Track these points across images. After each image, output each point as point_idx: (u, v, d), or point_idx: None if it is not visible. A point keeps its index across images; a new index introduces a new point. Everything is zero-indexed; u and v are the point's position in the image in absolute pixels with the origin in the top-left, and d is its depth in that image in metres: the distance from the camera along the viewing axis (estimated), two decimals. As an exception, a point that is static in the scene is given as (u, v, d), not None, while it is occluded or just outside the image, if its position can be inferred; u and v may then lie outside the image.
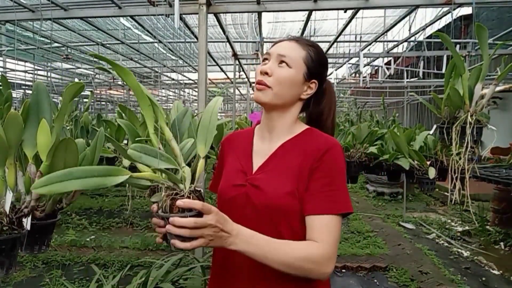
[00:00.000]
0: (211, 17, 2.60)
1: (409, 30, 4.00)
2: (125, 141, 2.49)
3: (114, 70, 0.74)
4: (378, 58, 5.20)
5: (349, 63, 6.39)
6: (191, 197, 0.76)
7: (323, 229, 0.89)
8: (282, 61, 0.98)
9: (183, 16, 3.21)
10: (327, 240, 0.87)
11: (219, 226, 0.76)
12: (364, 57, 4.23)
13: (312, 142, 0.99)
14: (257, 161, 1.03)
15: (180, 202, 0.73)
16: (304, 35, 3.79)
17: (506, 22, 5.92)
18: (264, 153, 1.03)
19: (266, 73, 0.97)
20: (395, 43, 4.64)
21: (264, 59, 1.02)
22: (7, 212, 0.83)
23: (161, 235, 0.81)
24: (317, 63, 1.01)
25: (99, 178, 0.69)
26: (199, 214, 0.74)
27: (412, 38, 4.26)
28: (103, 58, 0.77)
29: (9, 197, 0.85)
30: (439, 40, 2.68)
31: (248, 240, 0.82)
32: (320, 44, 1.12)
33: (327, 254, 0.86)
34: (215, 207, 0.79)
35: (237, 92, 8.65)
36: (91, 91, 3.44)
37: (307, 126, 1.06)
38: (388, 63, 6.56)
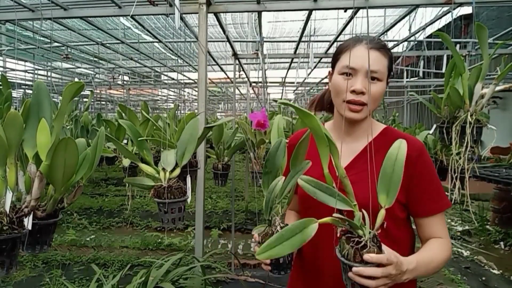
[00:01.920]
0: (211, 16, 2.59)
1: (409, 29, 4.00)
2: (125, 141, 2.49)
3: (296, 112, 0.79)
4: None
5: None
6: (372, 246, 0.77)
7: (442, 225, 1.01)
8: (373, 77, 0.98)
9: (183, 15, 3.21)
10: (446, 233, 1.01)
11: (397, 273, 0.79)
12: (364, 56, 4.21)
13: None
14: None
15: (368, 257, 0.74)
16: (304, 34, 3.79)
17: (506, 22, 5.92)
18: (344, 156, 1.02)
19: (362, 93, 0.97)
20: (395, 42, 4.64)
21: (348, 74, 1.00)
22: (7, 212, 0.83)
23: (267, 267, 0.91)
24: (392, 64, 1.04)
25: (300, 234, 0.76)
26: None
27: (412, 38, 4.26)
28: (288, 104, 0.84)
29: (9, 196, 0.85)
30: (439, 39, 2.67)
31: (416, 269, 0.87)
32: (320, 44, 1.12)
33: (451, 245, 1.01)
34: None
35: (237, 92, 8.65)
36: (91, 90, 3.44)
37: (383, 125, 1.10)
38: (388, 63, 6.54)
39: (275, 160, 0.95)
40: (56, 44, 4.68)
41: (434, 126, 1.80)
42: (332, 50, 5.22)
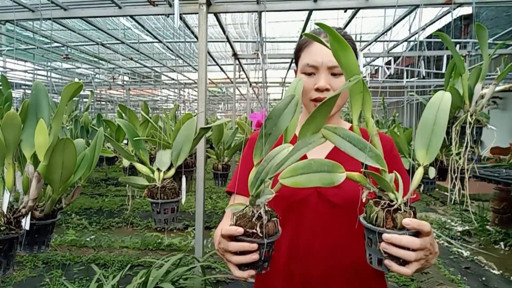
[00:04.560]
0: (211, 17, 2.59)
1: (409, 30, 3.99)
2: (125, 141, 2.49)
3: (332, 38, 0.65)
4: (378, 58, 5.19)
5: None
6: (407, 212, 0.64)
7: None
8: (335, 73, 0.95)
9: (183, 16, 3.21)
10: None
11: (430, 249, 0.68)
12: (364, 57, 4.22)
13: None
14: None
15: (408, 221, 0.61)
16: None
17: (503, 21, 5.94)
18: (318, 152, 0.98)
19: (327, 89, 0.94)
20: (395, 43, 4.63)
21: (310, 74, 0.97)
22: (5, 212, 0.83)
23: (235, 267, 0.70)
24: (357, 54, 1.00)
25: (328, 173, 0.64)
26: (416, 233, 0.63)
27: (412, 38, 4.26)
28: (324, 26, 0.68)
29: (7, 197, 0.84)
30: (439, 40, 2.66)
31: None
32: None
33: None
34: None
35: (237, 92, 8.64)
36: (91, 91, 3.44)
37: (349, 123, 1.10)
38: (388, 63, 6.57)
39: (279, 119, 0.72)
40: (56, 44, 4.68)
41: (434, 126, 1.79)
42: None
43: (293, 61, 1.09)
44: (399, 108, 10.17)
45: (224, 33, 3.24)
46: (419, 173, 0.67)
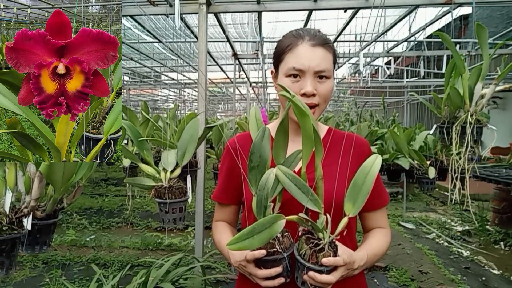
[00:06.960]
0: (211, 16, 2.59)
1: (409, 30, 4.00)
2: (125, 141, 2.49)
3: (294, 107, 0.77)
4: (378, 58, 5.20)
5: (349, 63, 6.39)
6: (329, 251, 0.79)
7: (384, 217, 1.07)
8: (322, 76, 0.94)
9: (183, 16, 3.21)
10: (387, 223, 1.08)
11: (347, 273, 0.83)
12: (364, 57, 4.22)
13: (348, 141, 1.02)
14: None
15: (326, 260, 0.76)
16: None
17: (497, 20, 5.95)
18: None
19: (313, 95, 0.92)
20: (395, 43, 4.64)
21: (295, 75, 0.94)
22: (7, 212, 0.83)
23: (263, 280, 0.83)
24: (336, 57, 1.00)
25: (269, 229, 0.76)
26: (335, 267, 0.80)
27: (412, 38, 4.26)
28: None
29: (9, 197, 0.85)
30: (439, 39, 2.67)
31: (365, 263, 0.91)
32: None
33: (390, 233, 1.07)
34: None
35: (237, 92, 8.64)
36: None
37: (326, 126, 1.10)
38: (388, 63, 6.57)
39: (261, 151, 0.85)
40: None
41: (435, 126, 1.80)
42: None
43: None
44: (399, 108, 10.17)
45: (224, 33, 3.24)
46: (343, 222, 0.82)
